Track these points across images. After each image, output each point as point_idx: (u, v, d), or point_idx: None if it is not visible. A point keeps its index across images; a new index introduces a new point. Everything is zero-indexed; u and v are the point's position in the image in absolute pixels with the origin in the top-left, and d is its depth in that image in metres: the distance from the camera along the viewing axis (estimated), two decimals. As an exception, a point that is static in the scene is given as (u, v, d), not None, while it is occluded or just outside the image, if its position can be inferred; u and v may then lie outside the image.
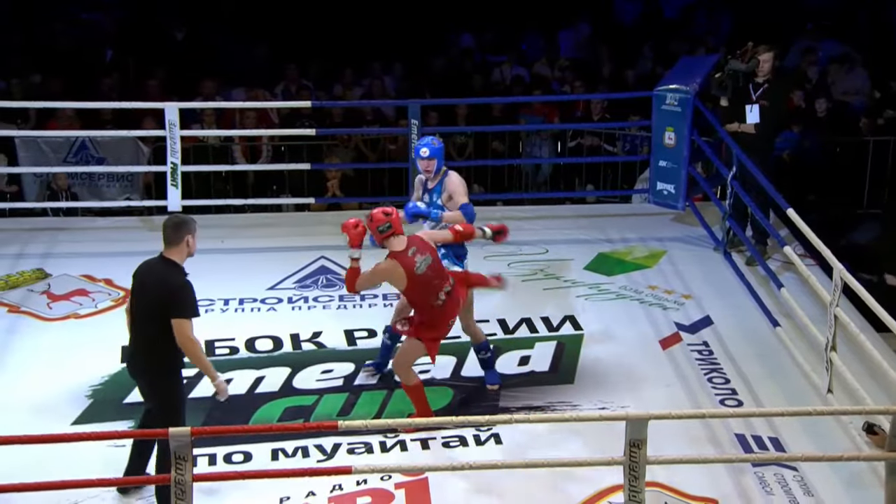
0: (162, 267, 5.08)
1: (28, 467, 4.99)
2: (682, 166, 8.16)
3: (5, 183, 9.11)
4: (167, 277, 5.01)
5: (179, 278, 5.04)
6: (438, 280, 5.57)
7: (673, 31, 12.20)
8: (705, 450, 5.50)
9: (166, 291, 4.96)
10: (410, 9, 11.85)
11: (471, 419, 5.24)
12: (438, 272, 5.58)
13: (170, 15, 11.52)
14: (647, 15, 12.67)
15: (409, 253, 5.48)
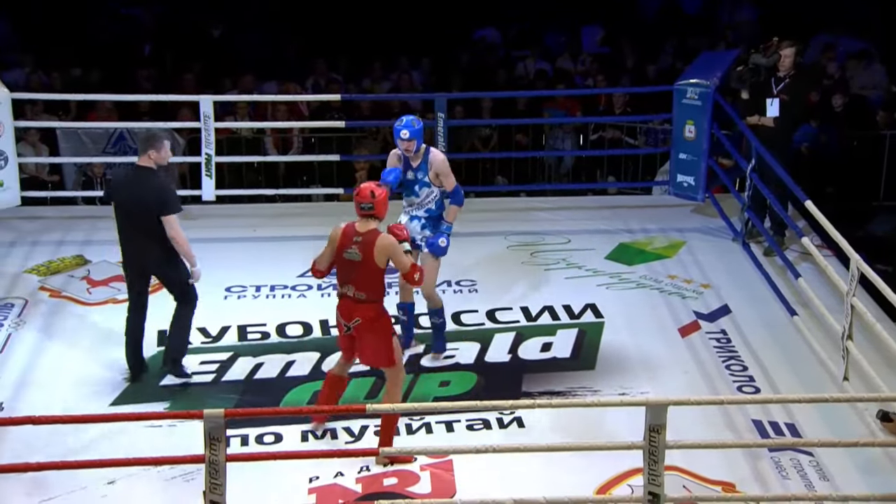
0: (138, 175, 5.87)
1: (67, 447, 5.16)
2: (702, 159, 8.27)
3: (47, 172, 9.33)
4: (146, 183, 5.82)
5: (157, 181, 5.85)
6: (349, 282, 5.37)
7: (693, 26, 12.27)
8: (723, 435, 5.61)
9: (152, 194, 5.78)
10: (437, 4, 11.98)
11: (495, 403, 5.35)
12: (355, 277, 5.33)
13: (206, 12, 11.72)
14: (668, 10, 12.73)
15: (356, 238, 5.33)
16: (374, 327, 5.37)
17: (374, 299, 5.36)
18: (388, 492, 5.18)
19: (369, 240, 5.30)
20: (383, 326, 5.39)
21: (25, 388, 6.01)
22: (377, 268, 5.31)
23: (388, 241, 5.31)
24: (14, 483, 5.06)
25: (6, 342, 6.48)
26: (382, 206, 5.34)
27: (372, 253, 5.28)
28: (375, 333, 5.38)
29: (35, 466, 4.59)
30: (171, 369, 6.14)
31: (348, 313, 5.39)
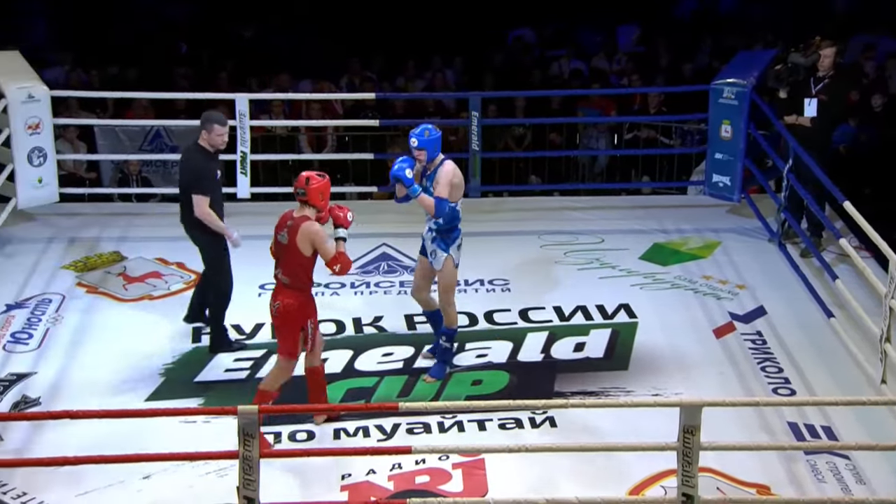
0: (188, 151, 6.34)
1: (103, 441, 5.19)
2: (738, 159, 8.22)
3: (84, 170, 9.43)
4: (187, 160, 6.28)
5: (194, 162, 6.23)
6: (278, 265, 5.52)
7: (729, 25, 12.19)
8: (758, 437, 5.57)
9: (186, 173, 6.25)
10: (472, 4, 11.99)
11: (527, 403, 5.34)
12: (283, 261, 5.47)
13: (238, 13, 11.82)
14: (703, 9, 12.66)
15: (288, 222, 5.44)
16: (288, 315, 5.46)
17: (296, 286, 5.45)
18: (419, 489, 5.19)
19: (296, 225, 5.41)
20: (295, 317, 5.46)
21: (62, 383, 6.08)
22: (300, 254, 5.39)
23: (312, 229, 5.38)
24: (52, 476, 5.12)
25: (44, 337, 6.56)
26: (315, 194, 5.41)
27: (295, 238, 5.39)
28: (286, 321, 5.49)
29: (72, 460, 4.64)
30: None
31: (273, 297, 5.54)
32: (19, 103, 7.78)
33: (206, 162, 6.24)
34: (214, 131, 6.22)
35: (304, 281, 5.48)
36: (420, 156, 5.95)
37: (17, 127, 7.78)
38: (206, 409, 5.73)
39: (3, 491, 5.09)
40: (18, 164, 7.84)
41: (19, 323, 6.71)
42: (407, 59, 11.18)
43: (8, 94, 7.73)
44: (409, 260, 7.66)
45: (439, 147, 5.96)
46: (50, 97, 7.99)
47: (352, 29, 11.84)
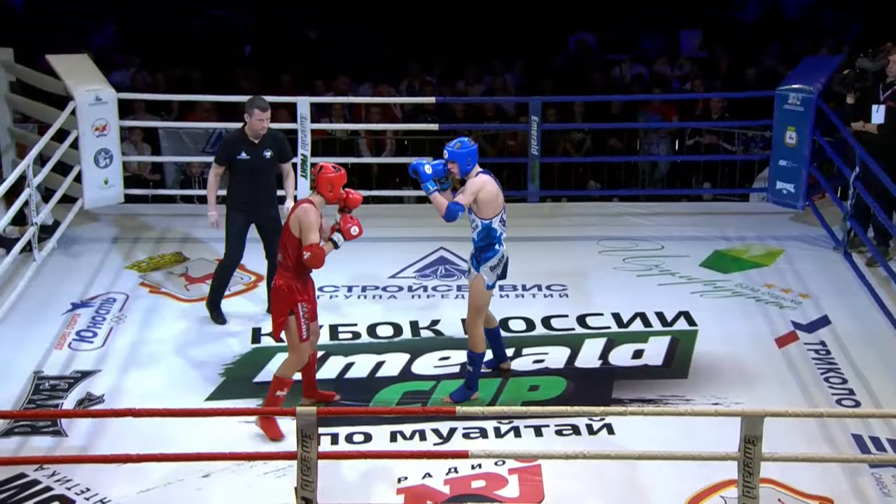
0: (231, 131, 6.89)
1: (164, 439, 5.26)
2: (803, 165, 8.10)
3: (149, 171, 9.59)
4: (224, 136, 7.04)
5: (227, 137, 6.83)
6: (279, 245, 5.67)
7: (795, 30, 12.00)
8: (821, 449, 5.48)
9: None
10: (533, 7, 11.97)
11: (585, 410, 5.31)
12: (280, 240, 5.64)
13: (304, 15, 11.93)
14: (769, 14, 12.49)
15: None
16: (277, 295, 5.58)
17: (286, 266, 5.55)
18: (475, 494, 5.19)
19: (296, 206, 5.57)
20: (284, 298, 5.55)
21: (125, 382, 6.18)
22: (290, 233, 5.51)
23: (303, 212, 5.47)
24: (114, 473, 5.20)
25: (108, 336, 6.67)
26: (324, 183, 5.56)
27: (290, 217, 5.55)
28: (275, 302, 5.62)
29: (135, 458, 4.71)
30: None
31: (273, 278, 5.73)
32: (87, 106, 7.93)
33: (234, 139, 6.62)
34: (255, 116, 6.49)
35: (292, 261, 5.56)
36: (452, 168, 5.83)
37: (85, 129, 7.93)
38: (264, 409, 5.76)
39: (68, 487, 5.19)
40: (85, 165, 7.99)
41: (84, 321, 6.83)
42: (467, 62, 11.18)
43: (77, 96, 7.88)
44: (465, 264, 7.63)
45: (474, 160, 5.79)
46: (117, 99, 8.13)
47: (413, 32, 11.88)
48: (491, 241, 5.82)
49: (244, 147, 6.58)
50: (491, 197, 5.77)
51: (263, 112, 6.53)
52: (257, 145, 6.58)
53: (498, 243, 5.83)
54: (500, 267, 5.85)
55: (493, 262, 5.83)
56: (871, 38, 7.89)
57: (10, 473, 5.23)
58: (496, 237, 5.82)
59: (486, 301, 5.89)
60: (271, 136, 6.65)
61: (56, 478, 5.23)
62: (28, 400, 5.95)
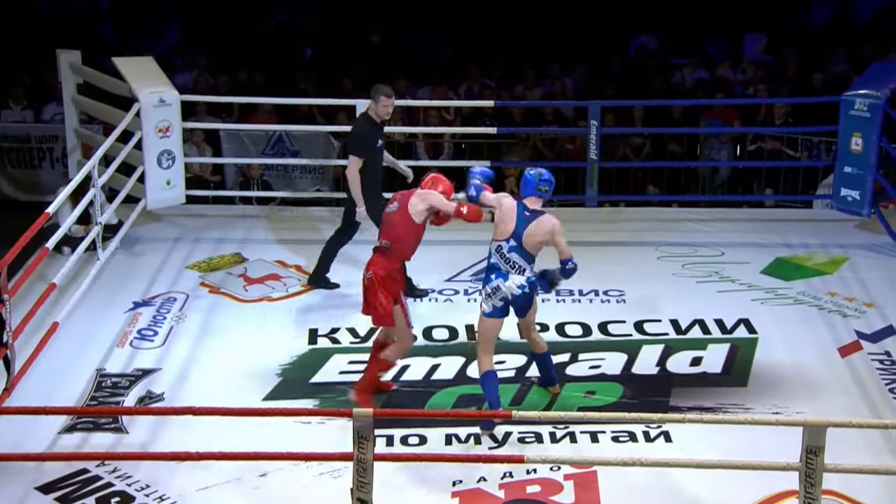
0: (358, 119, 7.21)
1: (222, 438, 5.30)
2: (869, 172, 7.95)
3: (210, 172, 9.73)
4: (356, 126, 7.13)
5: (356, 127, 7.06)
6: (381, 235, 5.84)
7: (865, 34, 11.77)
8: (885, 461, 5.37)
9: (350, 136, 7.11)
10: (594, 10, 11.90)
11: (643, 416, 5.24)
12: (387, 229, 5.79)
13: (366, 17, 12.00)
14: (838, 18, 12.26)
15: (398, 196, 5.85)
16: (384, 285, 5.70)
17: (393, 253, 5.72)
18: (531, 499, 5.16)
19: (409, 193, 5.82)
20: (388, 288, 5.70)
21: (185, 381, 6.25)
22: (408, 216, 5.72)
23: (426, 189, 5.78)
24: (173, 470, 5.26)
25: (168, 335, 6.76)
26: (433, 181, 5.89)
27: (407, 200, 5.75)
28: (381, 292, 5.71)
29: (194, 456, 4.76)
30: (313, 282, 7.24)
31: (368, 266, 5.79)
32: (151, 107, 8.05)
33: (368, 128, 6.90)
34: (381, 102, 6.83)
35: (403, 247, 5.73)
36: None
37: (149, 130, 8.05)
38: (321, 409, 5.82)
39: (128, 483, 5.26)
40: (148, 166, 8.11)
41: (145, 320, 6.93)
42: (527, 66, 11.15)
43: (141, 98, 8.01)
44: (523, 268, 7.63)
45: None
46: (179, 102, 8.25)
47: (473, 36, 11.87)
48: (489, 264, 5.71)
49: (377, 133, 6.92)
50: (498, 217, 5.70)
51: (389, 98, 6.85)
52: (380, 131, 6.97)
53: (495, 274, 5.65)
54: (495, 298, 5.64)
55: (488, 288, 5.67)
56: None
57: (72, 469, 5.31)
58: (490, 261, 5.69)
59: (483, 327, 5.72)
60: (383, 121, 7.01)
61: (117, 474, 5.30)
62: (90, 397, 6.05)
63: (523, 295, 5.67)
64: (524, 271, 5.64)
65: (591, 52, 11.56)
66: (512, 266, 5.64)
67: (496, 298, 5.66)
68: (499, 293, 5.65)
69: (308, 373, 6.34)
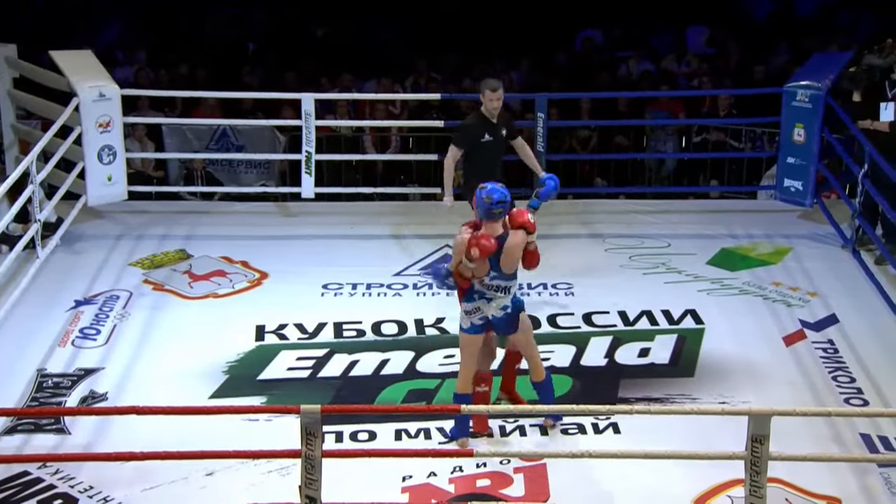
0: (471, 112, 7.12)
1: (168, 437, 5.22)
2: (811, 163, 8.05)
3: (152, 168, 9.58)
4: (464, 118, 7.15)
5: (465, 120, 7.06)
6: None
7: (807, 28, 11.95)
8: (829, 449, 5.44)
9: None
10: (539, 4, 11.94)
11: (591, 408, 5.26)
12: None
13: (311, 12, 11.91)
14: (780, 12, 12.43)
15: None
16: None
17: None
18: (480, 493, 5.16)
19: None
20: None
21: (129, 380, 6.16)
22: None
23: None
24: (118, 471, 5.17)
25: (111, 334, 6.65)
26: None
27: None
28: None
29: (139, 456, 4.68)
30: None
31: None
32: (91, 102, 7.90)
33: (473, 121, 6.80)
34: (486, 96, 6.64)
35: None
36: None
37: (89, 125, 7.91)
38: (268, 407, 5.77)
39: (71, 485, 5.17)
40: (89, 161, 7.97)
41: (87, 319, 6.81)
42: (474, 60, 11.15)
43: (80, 92, 7.86)
44: (472, 262, 7.63)
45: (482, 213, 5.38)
46: (120, 96, 8.11)
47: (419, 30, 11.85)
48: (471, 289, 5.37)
49: (486, 129, 6.70)
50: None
51: (494, 92, 6.62)
52: (496, 125, 6.73)
53: (478, 295, 5.35)
54: (475, 316, 5.36)
55: (468, 306, 5.39)
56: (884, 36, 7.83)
57: (13, 471, 5.21)
58: (475, 290, 5.36)
59: (462, 343, 5.43)
60: (504, 116, 6.82)
61: (59, 476, 5.21)
62: (31, 398, 5.93)
63: (505, 316, 5.39)
64: (509, 290, 5.37)
65: (537, 46, 11.59)
66: (497, 289, 5.35)
67: (475, 317, 5.38)
68: (478, 313, 5.38)
69: (255, 370, 6.28)
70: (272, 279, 7.43)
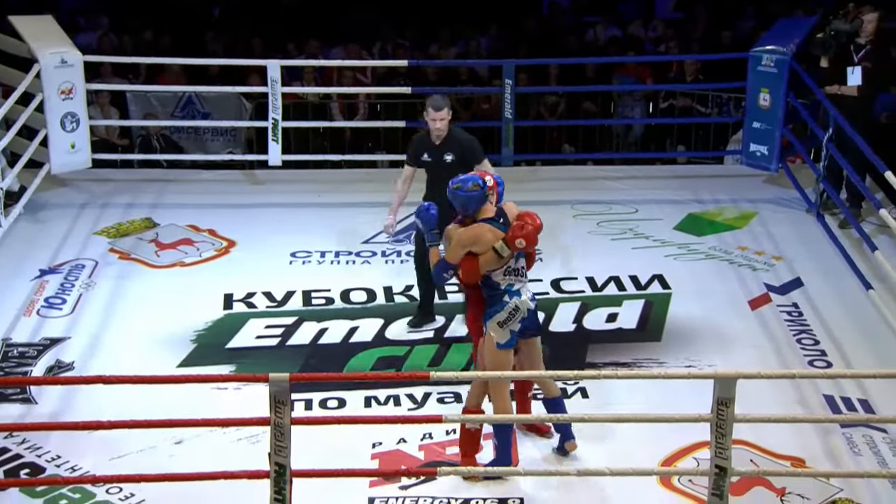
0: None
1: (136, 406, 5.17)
2: (777, 128, 8.09)
3: (117, 136, 9.45)
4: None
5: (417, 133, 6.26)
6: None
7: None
8: (793, 410, 5.50)
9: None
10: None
11: (559, 374, 5.28)
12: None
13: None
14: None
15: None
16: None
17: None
18: (450, 460, 5.17)
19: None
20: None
21: (95, 349, 6.11)
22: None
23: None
24: (86, 441, 5.15)
25: (77, 303, 6.59)
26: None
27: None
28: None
29: (106, 425, 4.64)
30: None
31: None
32: (52, 68, 7.78)
33: (419, 136, 6.21)
34: (428, 115, 5.98)
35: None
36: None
37: (51, 92, 7.79)
38: (237, 375, 5.77)
39: (38, 454, 5.14)
40: (51, 129, 7.85)
41: (53, 288, 6.75)
42: (441, 26, 11.07)
43: (41, 59, 7.73)
44: (440, 229, 7.63)
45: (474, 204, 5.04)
46: (83, 62, 7.98)
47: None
48: (495, 293, 4.94)
49: (426, 148, 6.06)
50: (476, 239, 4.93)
51: (437, 112, 5.91)
52: (439, 147, 6.01)
53: (508, 295, 4.92)
54: (514, 321, 4.90)
55: (500, 316, 4.89)
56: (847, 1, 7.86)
57: (-21, 442, 5.17)
58: (503, 290, 4.93)
59: (498, 363, 4.91)
60: (456, 140, 6.02)
61: (26, 445, 5.18)
62: (-4, 368, 5.88)
63: (536, 305, 5.03)
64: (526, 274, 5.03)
65: (504, 12, 11.52)
66: (523, 275, 5.00)
67: (514, 322, 4.90)
68: (517, 314, 4.91)
69: (224, 338, 6.26)
70: (240, 247, 7.39)
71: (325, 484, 4.89)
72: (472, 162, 5.97)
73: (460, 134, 6.11)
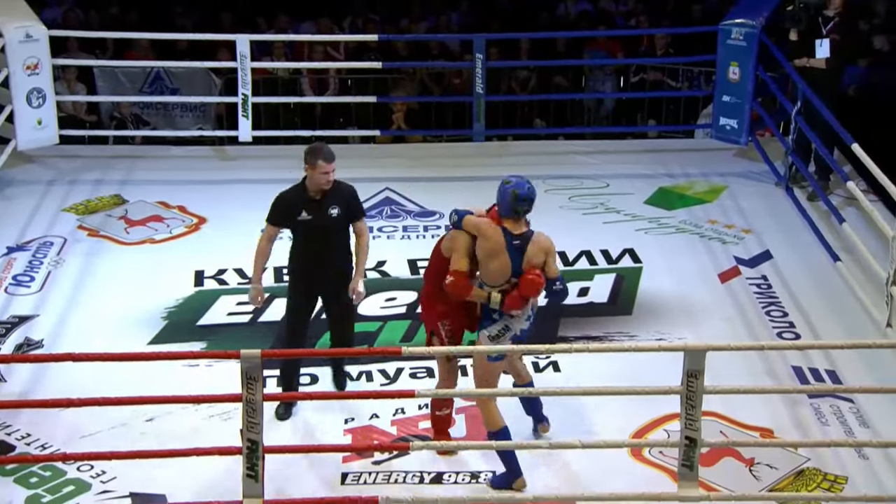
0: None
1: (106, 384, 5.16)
2: (746, 101, 8.12)
3: (85, 111, 9.35)
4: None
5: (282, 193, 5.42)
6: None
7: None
8: (762, 381, 5.57)
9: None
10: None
11: (531, 348, 5.25)
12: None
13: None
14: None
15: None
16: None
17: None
18: (422, 435, 5.19)
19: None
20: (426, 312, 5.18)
21: (65, 326, 6.08)
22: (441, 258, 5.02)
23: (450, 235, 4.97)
24: (56, 419, 5.13)
25: (46, 280, 6.54)
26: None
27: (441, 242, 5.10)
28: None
29: (77, 402, 4.62)
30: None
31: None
32: (17, 43, 7.68)
33: (292, 194, 5.36)
34: (318, 169, 5.26)
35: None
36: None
37: (16, 68, 7.69)
38: (209, 352, 5.75)
39: (8, 432, 5.12)
40: (17, 105, 7.76)
41: (21, 266, 6.69)
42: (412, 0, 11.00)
43: (6, 33, 7.63)
44: (411, 205, 7.63)
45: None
46: (48, 37, 7.88)
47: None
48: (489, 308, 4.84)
49: (303, 206, 5.30)
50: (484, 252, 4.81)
51: (329, 164, 5.26)
52: (320, 202, 5.33)
53: (498, 313, 4.82)
54: (503, 340, 4.85)
55: (492, 331, 4.84)
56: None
57: (-53, 421, 5.14)
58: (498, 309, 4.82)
59: (486, 374, 4.90)
60: (338, 191, 5.39)
61: (-5, 424, 5.15)
62: (-36, 346, 5.84)
63: (531, 325, 4.96)
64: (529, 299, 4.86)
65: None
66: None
67: (505, 339, 4.86)
68: (508, 333, 4.86)
69: (195, 315, 6.24)
70: (210, 224, 7.35)
71: (298, 459, 4.90)
72: (358, 214, 5.46)
73: (340, 183, 5.43)
